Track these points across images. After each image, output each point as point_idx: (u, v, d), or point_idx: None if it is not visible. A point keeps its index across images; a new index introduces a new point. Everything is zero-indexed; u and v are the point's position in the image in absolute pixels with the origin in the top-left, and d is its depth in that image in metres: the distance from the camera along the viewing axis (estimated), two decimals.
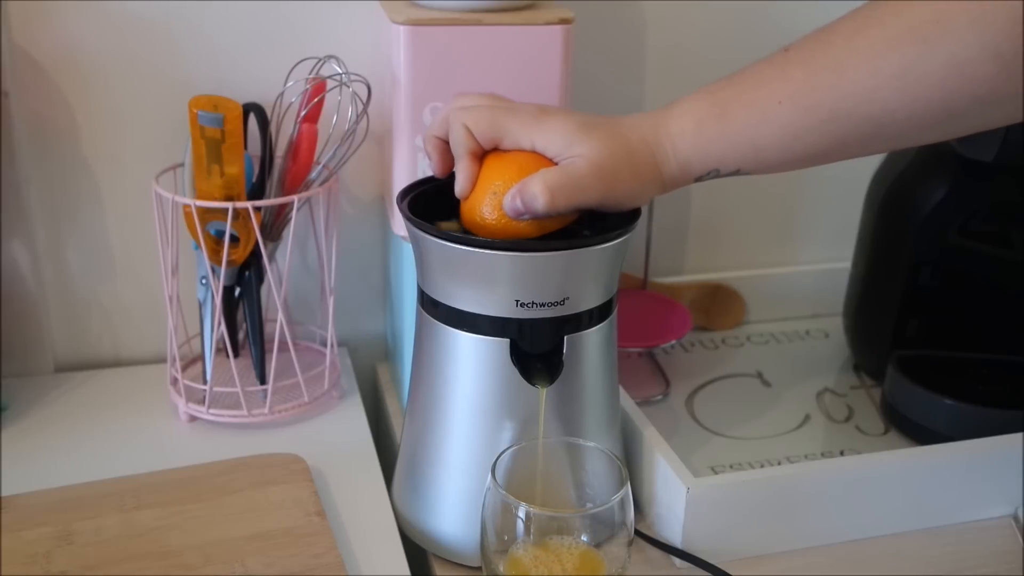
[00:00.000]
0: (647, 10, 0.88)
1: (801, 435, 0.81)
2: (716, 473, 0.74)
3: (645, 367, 0.90)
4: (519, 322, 0.58)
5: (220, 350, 0.77)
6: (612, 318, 0.62)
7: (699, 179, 0.59)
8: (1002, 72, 0.49)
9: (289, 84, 0.76)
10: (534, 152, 0.58)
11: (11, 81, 0.75)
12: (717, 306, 0.97)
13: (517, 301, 0.57)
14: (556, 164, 0.58)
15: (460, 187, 0.59)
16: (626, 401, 0.71)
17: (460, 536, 0.62)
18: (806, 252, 1.03)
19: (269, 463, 0.70)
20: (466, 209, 0.60)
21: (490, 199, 0.58)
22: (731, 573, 0.62)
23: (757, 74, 0.56)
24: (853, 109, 0.53)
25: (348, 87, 0.72)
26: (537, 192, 0.55)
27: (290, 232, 0.73)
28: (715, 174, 0.58)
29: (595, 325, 0.60)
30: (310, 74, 0.74)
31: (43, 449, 0.73)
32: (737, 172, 0.58)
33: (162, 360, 0.83)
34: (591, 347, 0.61)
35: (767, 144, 0.55)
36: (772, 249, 1.02)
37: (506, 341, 0.58)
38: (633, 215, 0.60)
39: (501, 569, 0.53)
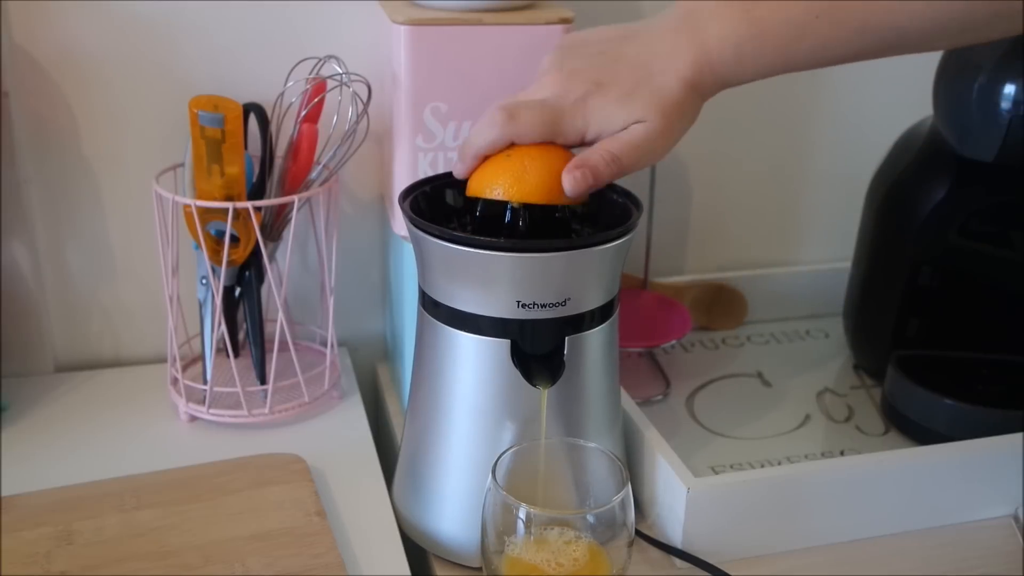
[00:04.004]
0: (647, 10, 0.88)
1: (801, 435, 0.81)
2: (716, 473, 0.74)
3: (645, 367, 0.90)
4: (520, 323, 0.58)
5: (220, 350, 0.77)
6: (613, 319, 0.62)
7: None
8: None
9: (289, 84, 0.76)
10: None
11: (11, 81, 0.75)
12: (719, 306, 0.97)
13: (518, 302, 0.57)
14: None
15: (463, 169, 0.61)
16: (627, 401, 0.71)
17: (461, 536, 0.62)
18: (806, 252, 1.03)
19: (269, 463, 0.70)
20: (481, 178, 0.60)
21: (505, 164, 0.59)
22: (731, 573, 0.62)
23: None
24: (882, 20, 0.54)
25: (348, 87, 0.72)
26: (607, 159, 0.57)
27: (290, 232, 0.73)
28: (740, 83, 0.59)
29: (596, 326, 0.60)
30: (310, 74, 0.74)
31: (43, 449, 0.73)
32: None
33: (162, 360, 0.83)
34: (592, 348, 0.61)
35: (800, 58, 0.56)
36: (772, 249, 1.02)
37: (507, 342, 0.58)
38: (632, 214, 0.60)
39: (501, 569, 0.53)
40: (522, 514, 0.52)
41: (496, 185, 0.58)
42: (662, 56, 0.58)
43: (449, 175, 0.64)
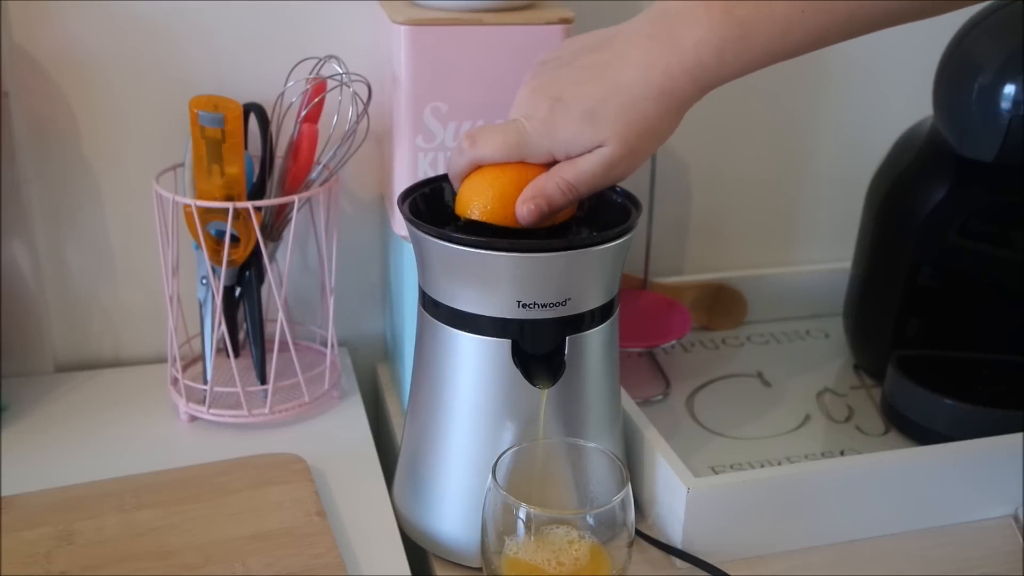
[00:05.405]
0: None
1: (801, 435, 0.81)
2: (716, 473, 0.74)
3: (645, 367, 0.90)
4: (520, 323, 0.58)
5: (220, 350, 0.77)
6: (614, 319, 0.62)
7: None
8: None
9: (290, 84, 0.76)
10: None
11: (11, 81, 0.75)
12: (719, 306, 0.97)
13: (519, 302, 0.57)
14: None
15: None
16: (627, 401, 0.71)
17: (461, 536, 0.62)
18: (806, 252, 1.03)
19: (269, 463, 0.70)
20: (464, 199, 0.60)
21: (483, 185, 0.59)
22: (731, 573, 0.62)
23: None
24: (872, 6, 0.52)
25: (348, 87, 0.72)
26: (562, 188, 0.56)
27: (290, 232, 0.73)
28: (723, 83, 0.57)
29: (597, 326, 0.60)
30: (310, 74, 0.74)
31: (43, 449, 0.73)
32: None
33: (162, 360, 0.83)
34: (593, 348, 0.61)
35: (786, 52, 0.54)
36: (772, 249, 1.02)
37: (507, 342, 0.58)
38: (632, 214, 0.60)
39: (502, 569, 0.53)
40: (522, 514, 0.52)
41: (470, 206, 0.59)
42: (633, 66, 0.55)
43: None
